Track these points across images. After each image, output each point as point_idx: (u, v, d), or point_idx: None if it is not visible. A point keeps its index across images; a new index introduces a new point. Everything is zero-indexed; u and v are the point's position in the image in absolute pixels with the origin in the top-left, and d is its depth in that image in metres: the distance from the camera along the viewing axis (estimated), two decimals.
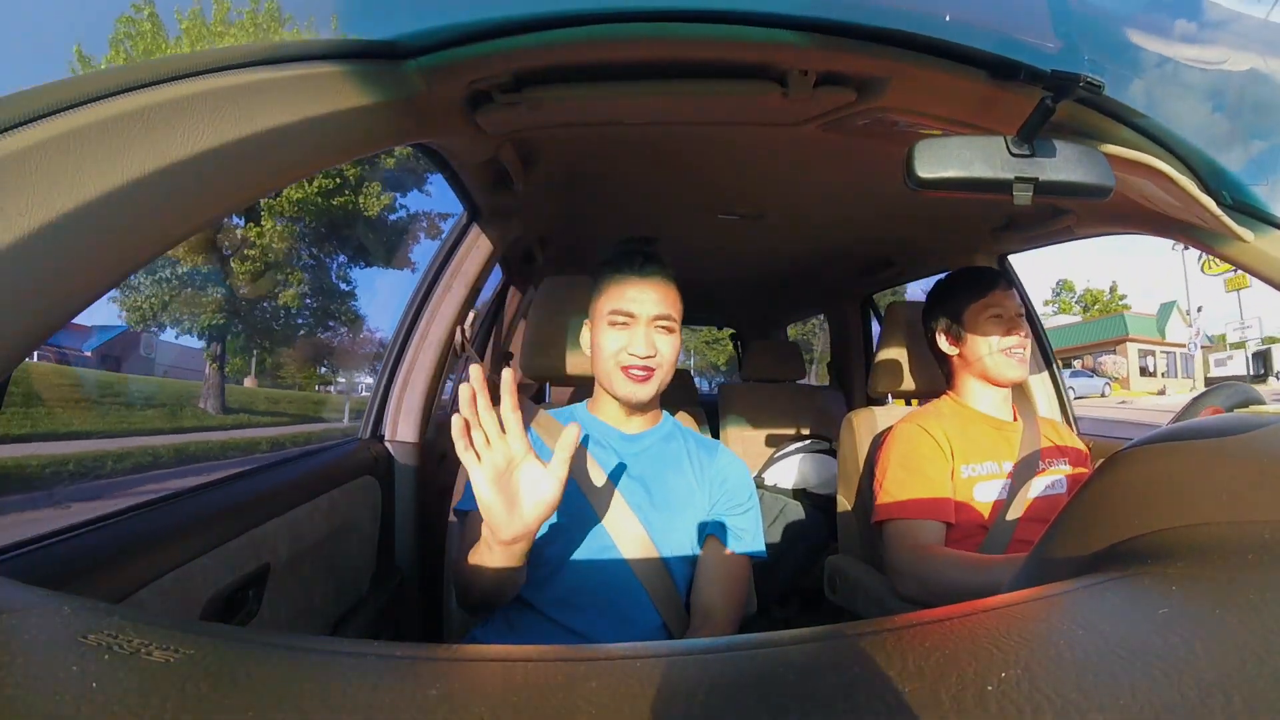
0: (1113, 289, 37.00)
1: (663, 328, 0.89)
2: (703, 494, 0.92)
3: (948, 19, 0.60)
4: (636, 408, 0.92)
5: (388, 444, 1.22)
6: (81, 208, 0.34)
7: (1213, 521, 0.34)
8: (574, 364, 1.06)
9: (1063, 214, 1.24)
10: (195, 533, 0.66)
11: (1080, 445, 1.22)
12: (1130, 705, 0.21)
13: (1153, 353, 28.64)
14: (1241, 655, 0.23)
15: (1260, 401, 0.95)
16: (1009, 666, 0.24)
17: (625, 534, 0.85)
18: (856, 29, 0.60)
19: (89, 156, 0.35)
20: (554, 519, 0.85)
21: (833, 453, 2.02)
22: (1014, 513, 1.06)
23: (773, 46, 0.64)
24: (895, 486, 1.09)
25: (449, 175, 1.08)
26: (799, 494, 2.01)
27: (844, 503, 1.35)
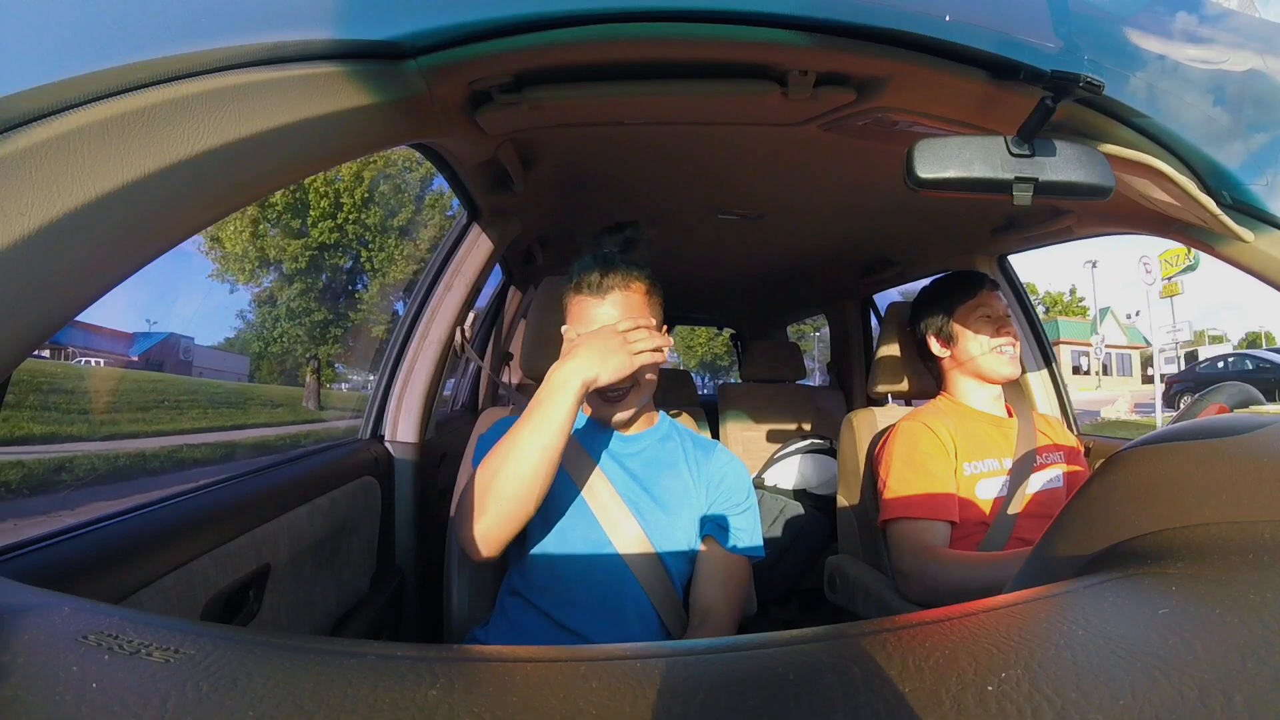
0: (1072, 291, 38.47)
1: None
2: (700, 494, 0.92)
3: (948, 19, 0.60)
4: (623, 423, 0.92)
5: (388, 444, 1.22)
6: (81, 208, 0.34)
7: (1213, 521, 0.34)
8: None
9: (1062, 214, 1.24)
10: (195, 533, 0.66)
11: (1073, 441, 1.23)
12: (1130, 705, 0.21)
13: (1086, 354, 31.80)
14: (1241, 655, 0.23)
15: (1260, 401, 0.96)
16: (1009, 666, 0.24)
17: (622, 534, 0.85)
18: (856, 29, 0.60)
19: (89, 156, 0.35)
20: (552, 519, 0.85)
21: (833, 453, 2.01)
22: (1014, 509, 1.07)
23: (773, 46, 0.64)
24: (900, 485, 1.09)
25: (449, 175, 1.08)
26: (799, 494, 2.01)
27: (844, 503, 1.35)
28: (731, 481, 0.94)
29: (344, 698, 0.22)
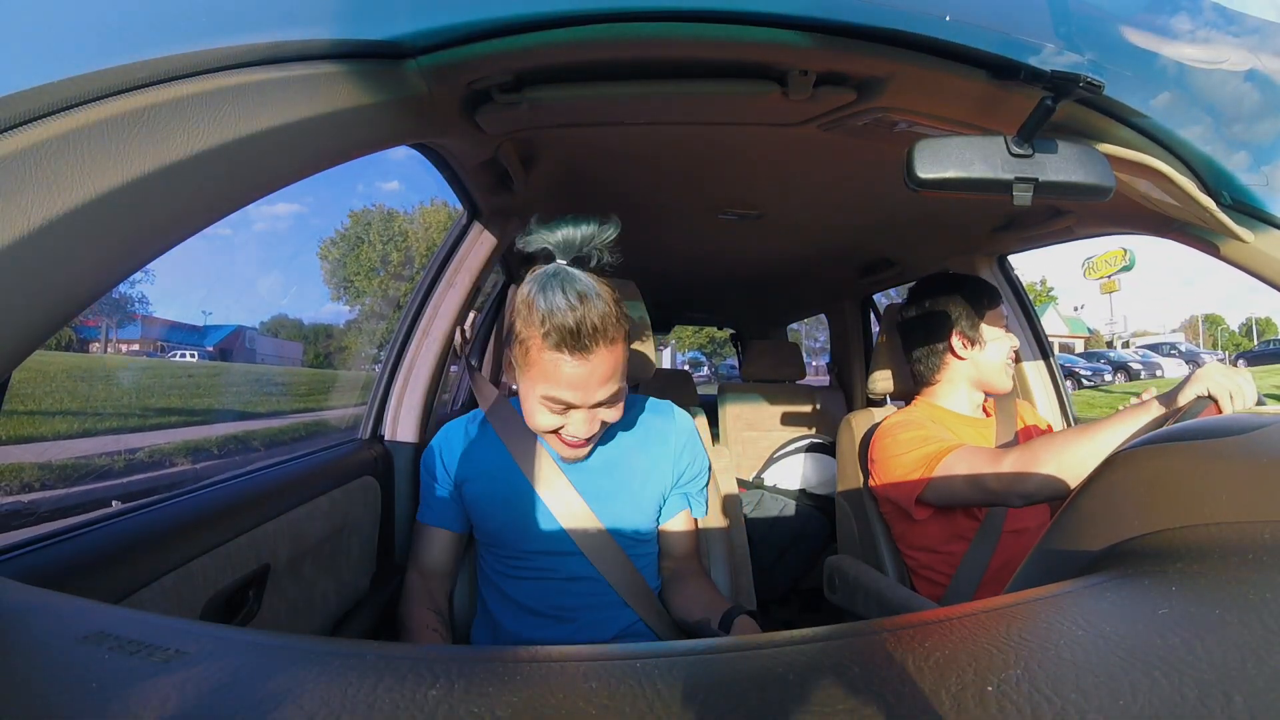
0: (1043, 282, 39.54)
1: (605, 405, 0.78)
2: (669, 468, 0.92)
3: (948, 19, 0.60)
4: None
5: (388, 444, 1.22)
6: (81, 208, 0.34)
7: (1213, 521, 0.34)
8: None
9: (1062, 214, 1.24)
10: (195, 533, 0.66)
11: (1045, 423, 1.27)
12: (1130, 705, 0.21)
13: None
14: (1241, 655, 0.23)
15: (1261, 402, 0.96)
16: (1009, 666, 0.24)
17: (589, 540, 0.85)
18: (856, 29, 0.60)
19: (89, 156, 0.35)
20: (517, 523, 0.86)
21: (833, 452, 2.02)
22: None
23: (773, 46, 0.64)
24: (914, 453, 1.06)
25: (449, 175, 1.08)
26: (799, 494, 2.01)
27: (844, 503, 1.35)
28: (691, 449, 0.95)
29: (344, 698, 0.22)
